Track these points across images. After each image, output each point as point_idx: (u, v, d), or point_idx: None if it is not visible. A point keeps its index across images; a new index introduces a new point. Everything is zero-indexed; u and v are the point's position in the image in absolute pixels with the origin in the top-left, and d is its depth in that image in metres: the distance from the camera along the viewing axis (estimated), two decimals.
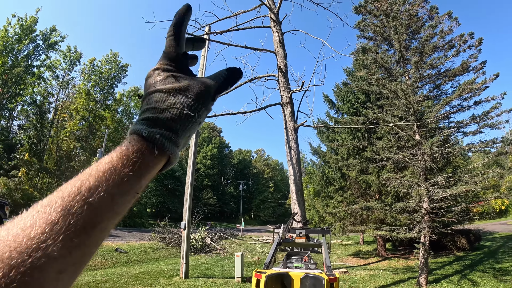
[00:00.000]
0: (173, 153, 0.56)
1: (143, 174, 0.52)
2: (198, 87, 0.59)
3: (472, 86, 10.99)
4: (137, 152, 0.52)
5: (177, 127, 0.56)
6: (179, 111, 0.56)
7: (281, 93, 8.93)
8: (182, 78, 0.60)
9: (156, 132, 0.54)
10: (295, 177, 8.30)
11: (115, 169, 0.49)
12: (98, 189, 0.46)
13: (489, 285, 9.94)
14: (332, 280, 4.05)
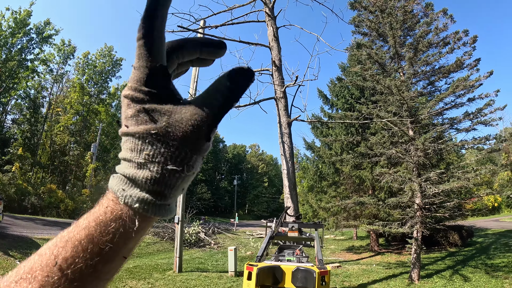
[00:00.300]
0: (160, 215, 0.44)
1: (126, 242, 0.43)
2: (183, 126, 0.43)
3: (466, 83, 11.05)
4: (115, 221, 0.43)
5: (162, 189, 0.43)
6: (161, 167, 0.42)
7: (275, 88, 8.92)
8: (159, 112, 0.43)
9: (135, 199, 0.42)
10: (288, 171, 8.31)
11: (93, 238, 0.42)
12: (76, 261, 0.41)
13: (481, 281, 10.01)
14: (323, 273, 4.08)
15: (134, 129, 0.43)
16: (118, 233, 0.42)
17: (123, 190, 0.43)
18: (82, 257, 0.41)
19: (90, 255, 0.41)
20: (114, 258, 0.43)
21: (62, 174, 41.15)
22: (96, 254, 0.41)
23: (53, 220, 25.40)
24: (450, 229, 17.02)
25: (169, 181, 0.43)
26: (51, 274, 0.40)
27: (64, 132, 39.46)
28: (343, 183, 18.40)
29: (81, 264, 0.41)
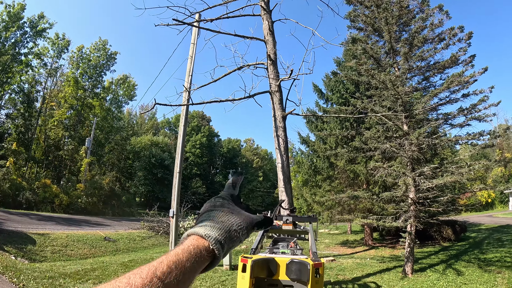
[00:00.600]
0: (219, 255, 0.71)
1: (197, 268, 0.67)
2: (245, 215, 0.82)
3: (461, 78, 11.09)
4: (196, 249, 0.67)
5: (226, 237, 0.73)
6: (229, 226, 0.76)
7: (270, 81, 8.90)
8: (235, 207, 0.84)
9: (212, 236, 0.71)
10: (282, 165, 8.33)
11: (181, 261, 0.63)
12: (170, 275, 0.59)
13: (474, 275, 10.09)
14: (317, 265, 4.08)
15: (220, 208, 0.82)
16: (196, 260, 0.66)
17: (205, 232, 0.72)
18: (174, 274, 0.60)
19: (179, 273, 0.61)
20: (188, 280, 0.64)
21: (56, 169, 40.95)
22: (182, 273, 0.61)
23: (48, 215, 25.32)
24: (443, 223, 17.16)
25: (231, 235, 0.75)
26: (151, 282, 0.56)
27: (58, 127, 39.17)
28: (338, 177, 18.48)
29: (171, 279, 0.59)
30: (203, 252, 0.68)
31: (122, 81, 46.95)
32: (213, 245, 0.70)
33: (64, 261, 11.88)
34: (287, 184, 8.21)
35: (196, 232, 0.72)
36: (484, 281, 9.25)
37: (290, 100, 11.49)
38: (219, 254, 0.70)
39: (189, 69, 12.16)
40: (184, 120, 12.00)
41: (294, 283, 4.36)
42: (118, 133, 46.41)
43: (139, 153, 52.66)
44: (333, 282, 10.01)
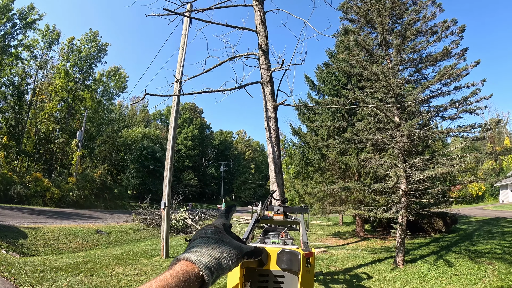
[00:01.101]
0: (208, 282, 0.72)
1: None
2: (235, 244, 0.85)
3: (453, 71, 11.11)
4: (185, 274, 0.68)
5: (216, 264, 0.75)
6: (219, 253, 0.78)
7: (262, 72, 8.82)
8: (226, 236, 0.87)
9: (202, 261, 0.72)
10: (274, 156, 8.29)
11: (169, 286, 0.64)
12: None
13: (464, 266, 10.19)
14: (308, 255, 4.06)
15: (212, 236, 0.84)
16: (184, 284, 0.66)
17: (195, 257, 0.73)
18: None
19: None
20: None
21: (47, 162, 40.65)
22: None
23: (39, 209, 25.18)
24: (434, 215, 17.32)
25: (220, 262, 0.77)
26: None
27: (49, 120, 38.85)
28: (329, 169, 18.53)
29: None
30: (192, 278, 0.69)
31: (113, 73, 46.59)
32: (202, 271, 0.71)
33: (56, 255, 11.82)
34: (278, 175, 8.19)
35: (186, 258, 0.73)
36: (474, 272, 9.33)
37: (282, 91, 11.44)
38: (208, 280, 0.72)
39: (180, 60, 12.04)
40: (175, 111, 11.90)
41: (285, 273, 4.36)
42: (109, 125, 46.13)
43: (130, 145, 52.45)
44: (325, 273, 10.06)
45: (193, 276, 0.69)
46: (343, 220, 27.10)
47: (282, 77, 8.90)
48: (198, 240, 0.82)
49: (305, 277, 4.20)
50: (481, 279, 8.62)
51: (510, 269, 9.29)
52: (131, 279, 8.55)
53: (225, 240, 0.83)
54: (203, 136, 75.59)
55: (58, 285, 7.42)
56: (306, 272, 4.18)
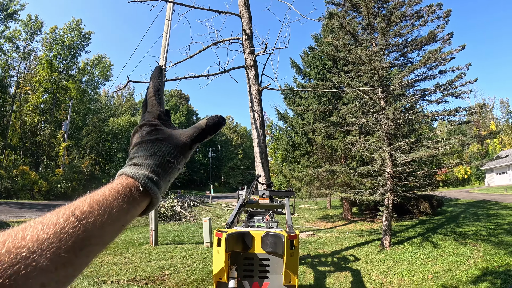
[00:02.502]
0: (154, 194, 0.63)
1: (129, 209, 0.59)
2: (177, 137, 0.71)
3: (438, 55, 11.14)
4: (125, 188, 0.60)
5: (159, 171, 0.65)
6: (160, 157, 0.67)
7: (245, 56, 8.75)
8: (165, 130, 0.72)
9: (141, 173, 0.63)
10: (259, 140, 8.28)
11: (106, 200, 0.56)
12: (91, 214, 0.52)
13: (450, 247, 10.34)
14: (292, 237, 4.08)
15: (148, 138, 0.70)
16: (125, 199, 0.58)
17: (132, 171, 0.63)
18: (96, 214, 0.52)
19: (103, 213, 0.53)
20: (116, 222, 0.56)
21: (34, 155, 40.05)
22: (107, 214, 0.54)
23: (29, 202, 24.92)
24: (420, 198, 17.60)
25: (165, 167, 0.67)
26: (67, 221, 0.49)
27: (34, 112, 38.17)
28: (316, 153, 18.64)
29: (94, 218, 0.52)
30: (134, 192, 0.60)
31: (98, 61, 45.84)
32: (143, 185, 0.62)
33: None
34: (263, 159, 8.19)
35: (125, 172, 0.64)
36: (460, 253, 9.49)
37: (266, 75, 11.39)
38: (154, 192, 0.63)
39: (164, 46, 11.86)
40: None
41: (269, 256, 4.36)
42: (95, 115, 45.55)
43: (117, 134, 51.79)
44: (313, 256, 10.16)
45: (135, 191, 0.60)
46: (331, 204, 27.35)
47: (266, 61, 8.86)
48: (136, 148, 0.70)
49: (290, 259, 4.20)
50: (467, 260, 8.78)
51: (495, 250, 9.47)
52: (121, 267, 8.55)
53: (164, 137, 0.70)
54: (190, 123, 75.01)
55: None
56: (290, 255, 4.19)
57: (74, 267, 0.48)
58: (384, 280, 7.69)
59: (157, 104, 0.75)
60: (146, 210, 0.65)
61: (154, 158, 0.66)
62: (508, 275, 7.25)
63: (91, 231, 0.51)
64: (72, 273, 0.48)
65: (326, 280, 7.76)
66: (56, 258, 0.45)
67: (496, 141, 65.85)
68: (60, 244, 0.46)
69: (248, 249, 4.46)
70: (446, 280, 7.35)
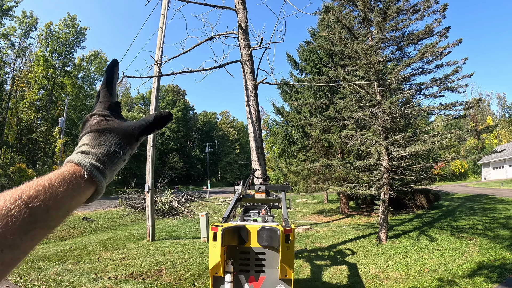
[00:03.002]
0: (99, 182, 0.65)
1: (74, 195, 0.60)
2: (124, 129, 0.73)
3: (434, 49, 11.11)
4: (71, 175, 0.61)
5: (105, 160, 0.67)
6: (107, 147, 0.69)
7: (241, 51, 8.72)
8: (113, 121, 0.74)
9: (87, 162, 0.64)
10: (255, 134, 8.27)
11: (52, 186, 0.56)
12: (37, 198, 0.53)
13: (446, 241, 10.40)
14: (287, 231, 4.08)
15: (96, 127, 0.71)
16: (70, 186, 0.59)
17: (79, 158, 0.64)
18: (42, 198, 0.54)
19: (48, 198, 0.55)
20: (61, 207, 0.57)
21: (31, 152, 39.87)
22: (53, 199, 0.55)
23: None
24: (417, 192, 17.67)
25: (111, 157, 0.68)
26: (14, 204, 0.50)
27: (30, 109, 37.95)
28: (313, 147, 18.71)
29: (39, 203, 0.53)
30: (80, 180, 0.62)
31: (93, 57, 45.56)
32: (89, 173, 0.63)
33: (43, 244, 11.70)
34: (259, 153, 8.19)
35: (71, 160, 0.65)
36: (456, 247, 9.55)
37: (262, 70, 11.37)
38: (99, 180, 0.65)
39: (160, 41, 11.80)
40: (156, 92, 11.73)
41: (265, 250, 4.36)
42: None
43: None
44: (310, 250, 10.19)
45: (80, 178, 0.62)
46: (327, 198, 27.40)
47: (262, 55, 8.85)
48: (84, 137, 0.71)
49: (285, 253, 4.20)
50: (463, 254, 8.84)
51: (491, 244, 9.54)
52: (118, 263, 8.56)
53: (112, 128, 0.72)
54: (187, 118, 75.04)
55: (46, 273, 7.43)
56: (286, 248, 4.18)
57: (20, 250, 0.50)
58: (381, 273, 7.73)
59: (109, 95, 0.79)
60: (91, 198, 0.66)
61: (101, 147, 0.68)
62: (504, 269, 7.30)
63: (37, 215, 0.52)
64: (18, 255, 0.50)
65: (322, 274, 7.79)
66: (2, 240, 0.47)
67: (493, 136, 66.14)
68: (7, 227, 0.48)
69: (244, 243, 4.46)
70: (442, 273, 7.40)
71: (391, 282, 7.16)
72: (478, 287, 6.46)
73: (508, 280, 6.71)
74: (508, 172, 47.82)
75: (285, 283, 4.27)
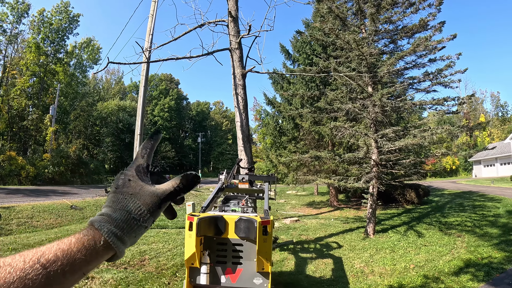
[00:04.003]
0: (118, 248, 0.65)
1: (91, 260, 0.62)
2: (148, 194, 0.70)
3: (428, 43, 10.97)
4: (89, 241, 0.62)
5: (124, 227, 0.66)
6: (127, 214, 0.67)
7: (230, 39, 8.55)
8: (137, 184, 0.71)
9: (106, 227, 0.65)
10: (241, 124, 8.14)
11: (71, 252, 0.59)
12: (55, 263, 0.55)
13: (434, 237, 10.34)
14: (265, 222, 3.96)
15: (121, 189, 0.70)
16: (88, 252, 0.61)
17: (99, 223, 0.65)
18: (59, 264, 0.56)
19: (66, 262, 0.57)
20: (77, 272, 0.59)
21: (21, 140, 39.43)
22: (70, 264, 0.58)
23: (15, 188, 24.57)
24: (407, 187, 17.71)
25: (130, 224, 0.67)
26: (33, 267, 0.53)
27: (21, 96, 37.38)
28: (303, 139, 18.70)
29: (56, 268, 0.55)
30: (98, 246, 0.63)
31: (86, 44, 44.97)
32: (105, 240, 0.64)
33: (30, 233, 11.56)
34: (246, 143, 8.06)
35: (92, 222, 0.66)
36: (444, 244, 9.48)
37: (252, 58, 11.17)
38: (117, 246, 0.65)
39: (150, 28, 11.59)
40: (145, 80, 11.55)
41: (243, 241, 4.23)
42: (83, 99, 44.74)
43: (106, 118, 51.12)
44: (296, 242, 10.13)
45: (98, 244, 0.63)
46: (318, 190, 27.39)
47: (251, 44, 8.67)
48: (110, 197, 0.71)
49: (262, 245, 4.07)
50: (450, 251, 8.77)
51: (479, 242, 9.45)
52: None
53: (135, 192, 0.70)
54: (180, 107, 74.64)
55: None
56: (263, 241, 4.05)
57: None
58: (366, 268, 7.65)
59: (141, 157, 0.79)
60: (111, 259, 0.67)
61: (121, 213, 0.67)
62: (491, 267, 7.18)
63: (53, 279, 0.54)
64: None
65: (307, 267, 7.71)
66: None
67: (485, 134, 66.54)
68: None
69: (222, 234, 4.33)
70: (428, 270, 7.30)
71: (376, 277, 7.07)
72: (464, 285, 6.34)
73: (495, 280, 6.57)
74: (499, 170, 48.19)
75: (263, 276, 4.16)
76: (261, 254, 4.03)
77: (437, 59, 11.78)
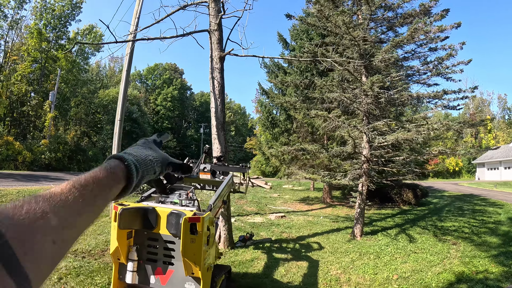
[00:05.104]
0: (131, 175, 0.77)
1: (112, 186, 0.72)
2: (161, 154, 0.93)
3: (428, 27, 10.17)
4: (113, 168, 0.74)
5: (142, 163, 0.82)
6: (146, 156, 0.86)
7: (210, 19, 7.93)
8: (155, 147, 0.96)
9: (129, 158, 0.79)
10: (216, 110, 7.54)
11: (98, 177, 0.68)
12: (87, 187, 0.63)
13: (426, 243, 9.45)
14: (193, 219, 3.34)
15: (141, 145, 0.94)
16: (111, 176, 0.72)
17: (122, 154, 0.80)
18: (90, 187, 0.64)
19: (95, 186, 0.65)
20: (104, 196, 0.69)
21: (21, 126, 39.36)
22: (98, 187, 0.66)
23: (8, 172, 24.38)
24: (404, 187, 17.02)
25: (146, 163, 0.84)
26: (70, 191, 0.59)
27: (22, 82, 37.15)
28: (296, 131, 18.12)
29: (88, 190, 0.63)
30: (119, 173, 0.75)
31: (88, 31, 44.43)
32: (127, 165, 0.77)
33: None
34: (220, 130, 7.47)
35: (116, 156, 0.79)
36: (436, 252, 8.59)
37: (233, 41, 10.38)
38: (133, 174, 0.77)
39: (136, 11, 11.08)
40: (128, 63, 11.02)
41: (175, 239, 3.59)
42: (84, 86, 44.32)
43: (107, 106, 50.74)
44: (274, 240, 9.47)
45: (119, 171, 0.75)
46: (314, 186, 26.57)
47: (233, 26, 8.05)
48: (130, 148, 0.89)
49: (189, 246, 3.28)
50: (442, 261, 7.85)
51: (475, 252, 8.46)
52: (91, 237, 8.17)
53: (153, 148, 0.94)
54: (183, 97, 74.10)
55: None
56: (190, 241, 3.32)
57: (76, 229, 0.59)
58: (342, 275, 6.89)
59: (157, 137, 1.06)
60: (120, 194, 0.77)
61: (141, 154, 0.85)
62: (486, 285, 6.14)
63: (87, 200, 0.62)
64: (74, 234, 0.59)
65: (277, 269, 7.02)
66: (62, 220, 0.55)
67: (491, 136, 65.10)
68: (65, 209, 0.56)
69: (152, 228, 3.73)
70: (413, 283, 6.42)
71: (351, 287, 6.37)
72: None
73: None
74: (503, 174, 47.03)
75: (195, 281, 3.57)
76: (187, 256, 3.41)
77: (438, 48, 11.04)
